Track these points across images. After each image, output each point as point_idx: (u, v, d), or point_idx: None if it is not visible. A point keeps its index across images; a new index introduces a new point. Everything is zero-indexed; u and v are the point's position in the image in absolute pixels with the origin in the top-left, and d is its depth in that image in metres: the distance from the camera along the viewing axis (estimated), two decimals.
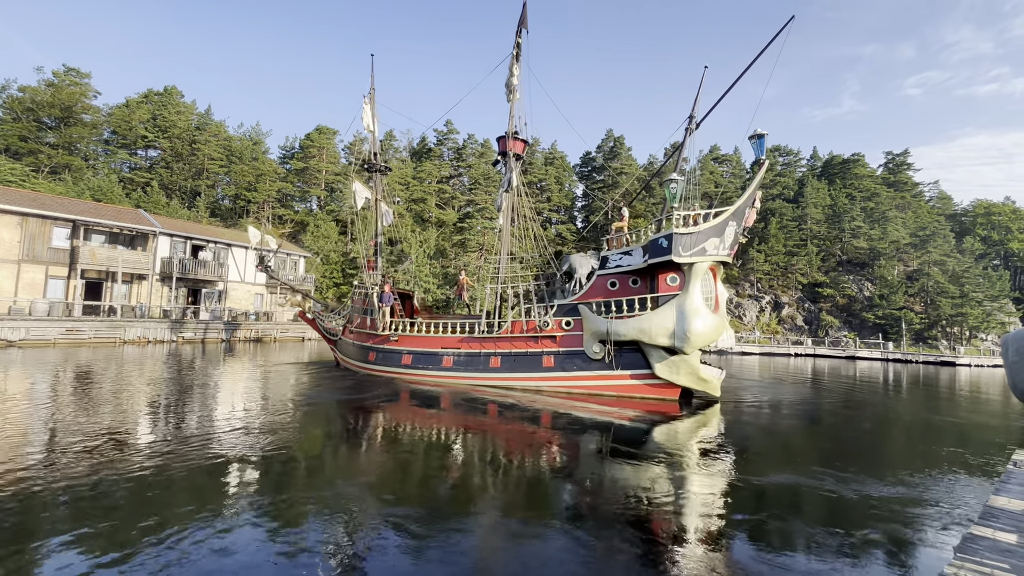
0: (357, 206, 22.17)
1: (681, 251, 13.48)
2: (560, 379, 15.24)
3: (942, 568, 2.19)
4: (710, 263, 13.87)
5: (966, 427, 12.46)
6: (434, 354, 17.04)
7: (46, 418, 9.39)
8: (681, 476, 7.29)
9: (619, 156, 63.58)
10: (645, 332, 13.76)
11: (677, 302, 13.64)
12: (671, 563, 4.53)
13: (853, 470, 7.76)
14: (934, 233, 54.97)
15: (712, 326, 13.60)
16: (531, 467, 7.64)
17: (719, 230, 13.81)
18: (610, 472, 7.36)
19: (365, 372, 18.82)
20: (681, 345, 13.40)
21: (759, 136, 13.83)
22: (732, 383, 19.65)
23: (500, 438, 9.57)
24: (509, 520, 5.46)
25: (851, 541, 5.19)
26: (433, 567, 4.32)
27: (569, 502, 6.14)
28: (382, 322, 18.47)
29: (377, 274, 20.48)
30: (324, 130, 63.04)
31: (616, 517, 5.57)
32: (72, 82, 48.57)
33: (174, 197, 53.12)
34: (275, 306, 41.00)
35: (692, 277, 13.62)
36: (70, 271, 29.27)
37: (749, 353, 43.08)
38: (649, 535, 5.15)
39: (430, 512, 5.57)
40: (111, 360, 19.67)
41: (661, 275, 14.25)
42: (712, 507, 6.08)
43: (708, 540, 5.11)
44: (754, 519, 5.77)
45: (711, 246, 13.73)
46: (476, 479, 6.98)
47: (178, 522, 5.00)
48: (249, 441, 8.23)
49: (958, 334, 49.11)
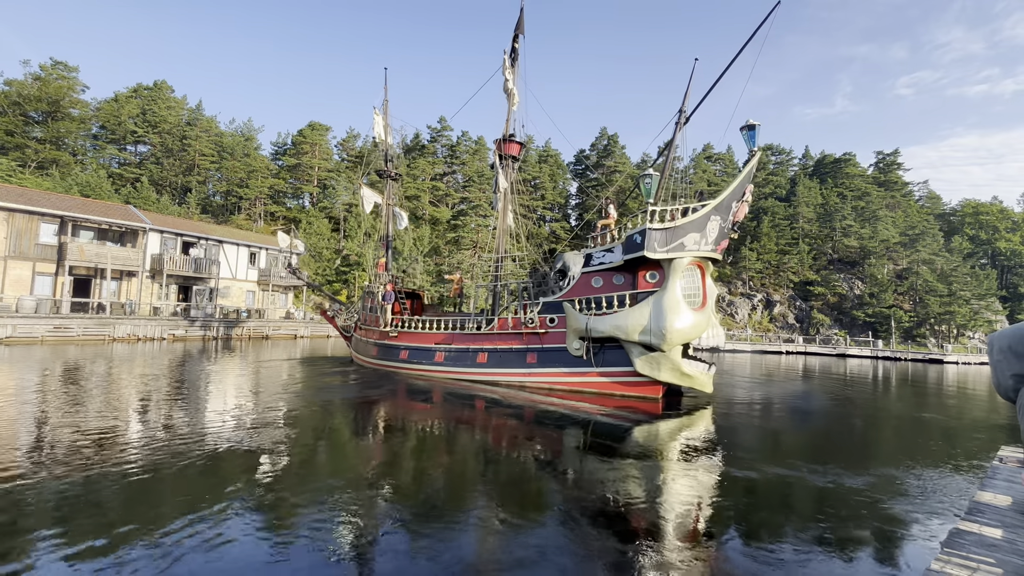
0: (366, 211, 23.54)
1: (657, 247, 13.17)
2: (543, 375, 15.36)
3: (929, 562, 2.21)
4: (691, 259, 13.52)
5: (953, 424, 12.64)
6: (428, 349, 17.84)
7: (33, 415, 9.26)
8: (654, 472, 7.33)
9: (613, 154, 63.69)
10: (621, 328, 13.58)
11: (655, 299, 13.35)
12: (654, 559, 4.55)
13: (841, 466, 7.84)
14: (923, 232, 55.60)
15: (691, 323, 13.21)
16: (499, 464, 7.65)
17: (699, 225, 13.39)
18: (580, 467, 7.38)
19: (371, 367, 19.92)
20: (657, 342, 13.10)
21: (751, 127, 13.25)
22: (724, 379, 19.79)
23: (480, 433, 9.58)
24: (481, 517, 5.46)
25: (839, 536, 5.24)
26: (422, 564, 4.31)
27: (535, 501, 6.16)
28: (383, 319, 19.59)
29: (387, 275, 21.49)
30: (317, 126, 62.59)
31: (586, 513, 5.59)
32: (60, 76, 47.82)
33: (164, 193, 52.52)
34: (267, 303, 40.70)
35: (671, 273, 13.34)
36: (58, 268, 28.87)
37: (741, 351, 43.40)
38: (618, 531, 5.17)
39: (417, 510, 5.56)
40: (100, 358, 19.44)
41: (641, 272, 14.05)
42: (696, 503, 6.12)
43: (693, 536, 5.15)
44: (741, 514, 5.82)
45: (690, 242, 13.33)
46: (441, 476, 6.98)
47: (172, 518, 4.95)
48: (241, 437, 8.17)
49: (946, 332, 49.76)
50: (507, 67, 18.32)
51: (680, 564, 4.46)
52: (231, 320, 34.50)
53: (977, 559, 2.22)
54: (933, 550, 4.76)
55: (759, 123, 13.21)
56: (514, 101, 18.51)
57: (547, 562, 4.41)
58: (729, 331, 50.77)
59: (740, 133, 13.58)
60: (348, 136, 69.23)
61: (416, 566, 4.29)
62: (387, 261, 22.65)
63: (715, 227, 13.58)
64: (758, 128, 13.28)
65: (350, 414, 11.22)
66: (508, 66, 18.36)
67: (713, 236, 13.62)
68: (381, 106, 22.53)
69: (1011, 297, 57.05)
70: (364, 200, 23.14)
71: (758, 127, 13.26)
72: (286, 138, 64.96)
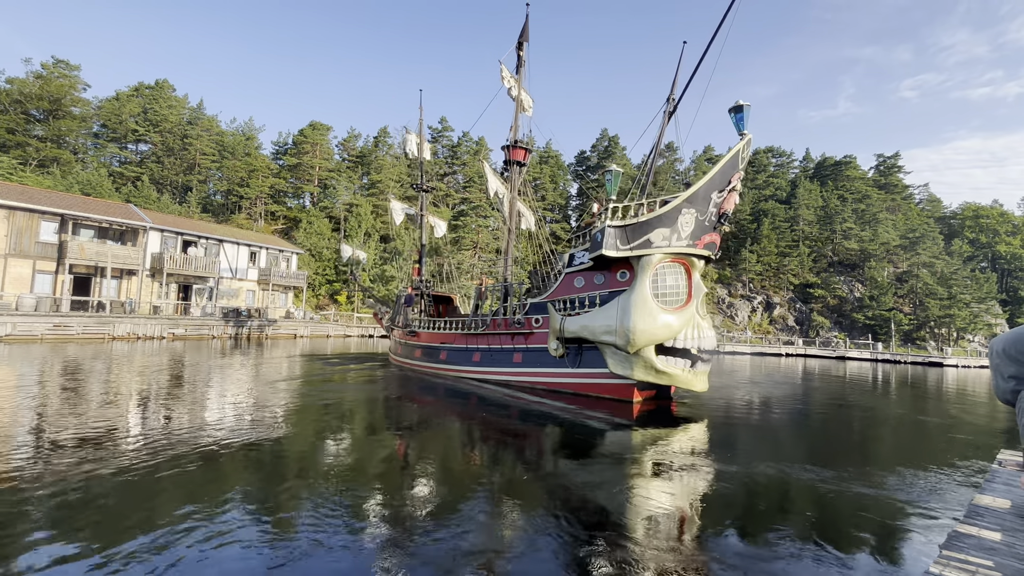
0: (396, 222, 26.40)
1: (619, 244, 12.65)
2: (527, 374, 15.61)
3: (928, 565, 2.21)
4: (669, 256, 12.79)
5: (952, 427, 12.63)
6: (436, 348, 19.03)
7: (32, 413, 9.26)
8: (627, 474, 7.33)
9: (614, 155, 63.74)
10: (587, 328, 13.29)
11: (622, 298, 12.83)
12: (641, 558, 4.55)
13: (840, 468, 7.83)
14: (923, 235, 55.63)
15: (661, 323, 12.41)
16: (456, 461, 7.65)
17: (669, 220, 12.54)
18: (539, 465, 7.38)
19: (395, 364, 21.66)
20: (622, 343, 12.57)
21: (739, 108, 12.12)
22: (724, 379, 19.79)
23: (434, 429, 9.59)
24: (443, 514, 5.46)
25: (838, 538, 5.24)
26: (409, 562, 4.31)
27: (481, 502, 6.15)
28: (401, 319, 21.61)
29: (418, 280, 23.39)
30: (317, 126, 62.60)
31: (551, 509, 5.58)
32: (61, 74, 47.87)
33: (165, 192, 52.56)
34: (267, 302, 40.71)
35: (639, 271, 12.77)
36: (58, 266, 28.88)
37: (741, 353, 43.41)
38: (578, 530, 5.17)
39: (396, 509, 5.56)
40: (99, 356, 19.45)
41: (613, 270, 13.62)
42: (686, 504, 6.11)
43: (689, 537, 5.14)
44: (739, 514, 5.81)
45: (658, 238, 12.55)
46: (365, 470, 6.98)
47: (171, 517, 4.95)
48: (240, 434, 8.17)
49: (946, 335, 49.76)
50: (509, 76, 18.89)
51: (679, 563, 4.46)
52: (231, 319, 34.50)
53: (976, 562, 2.22)
54: (932, 553, 4.76)
55: (748, 104, 12.08)
56: (520, 108, 19.06)
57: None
58: (729, 333, 50.77)
59: (729, 115, 12.40)
60: (349, 136, 69.25)
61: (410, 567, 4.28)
62: (420, 267, 24.42)
63: (690, 221, 12.63)
64: (747, 109, 12.12)
65: (333, 409, 11.22)
66: (512, 74, 18.97)
67: (688, 231, 12.67)
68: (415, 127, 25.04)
69: (1011, 300, 57.08)
70: (393, 212, 25.62)
71: (747, 108, 12.12)
72: (287, 138, 65.02)
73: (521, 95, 19.03)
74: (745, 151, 12.62)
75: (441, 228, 25.88)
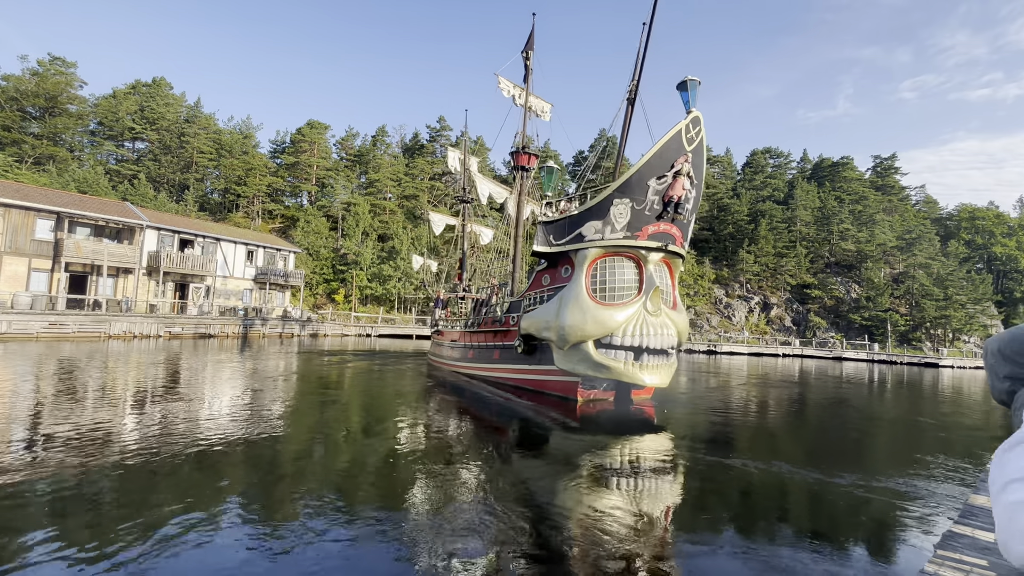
0: (436, 232, 29.36)
1: (552, 240, 12.46)
2: (501, 370, 16.10)
3: (922, 564, 2.22)
4: (601, 250, 12.20)
5: (947, 427, 12.69)
6: (448, 346, 20.40)
7: (27, 411, 9.21)
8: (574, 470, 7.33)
9: (612, 156, 63.76)
10: (533, 324, 13.21)
11: (561, 294, 12.59)
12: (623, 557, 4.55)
13: (835, 467, 7.85)
14: (920, 236, 55.85)
15: (594, 319, 11.84)
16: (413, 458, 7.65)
17: (599, 213, 12.01)
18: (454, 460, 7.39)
19: (427, 361, 23.42)
20: (555, 338, 12.37)
21: (685, 84, 11.18)
22: (724, 379, 19.83)
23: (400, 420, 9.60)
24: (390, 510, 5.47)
25: (833, 537, 5.26)
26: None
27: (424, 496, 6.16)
28: (431, 320, 24.44)
29: (460, 285, 25.22)
30: (315, 125, 62.46)
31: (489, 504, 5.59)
32: (57, 71, 47.66)
33: (162, 190, 52.34)
34: (264, 301, 40.61)
35: (577, 266, 12.46)
36: (54, 264, 28.74)
37: (738, 353, 43.51)
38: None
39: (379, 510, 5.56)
40: (95, 355, 19.36)
41: (560, 266, 13.35)
42: (673, 500, 6.12)
43: (670, 536, 5.15)
44: (735, 514, 5.83)
45: (590, 231, 12.13)
46: None
47: (170, 516, 4.93)
48: (237, 432, 8.14)
49: (942, 336, 49.97)
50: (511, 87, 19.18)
51: (672, 563, 4.47)
52: (227, 318, 34.39)
53: (970, 561, 2.23)
54: (927, 552, 4.78)
55: (698, 79, 11.13)
56: (532, 114, 19.76)
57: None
58: (726, 333, 50.90)
59: (677, 92, 11.32)
60: (347, 135, 69.12)
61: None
62: (462, 272, 26.29)
63: (624, 212, 11.84)
64: (693, 84, 11.15)
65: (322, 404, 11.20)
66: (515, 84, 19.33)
67: (623, 222, 11.92)
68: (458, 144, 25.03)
69: (1006, 301, 57.35)
70: (432, 223, 28.33)
71: (695, 83, 11.18)
72: (285, 136, 64.85)
73: (530, 101, 19.49)
74: (692, 130, 11.33)
75: (487, 236, 26.76)
